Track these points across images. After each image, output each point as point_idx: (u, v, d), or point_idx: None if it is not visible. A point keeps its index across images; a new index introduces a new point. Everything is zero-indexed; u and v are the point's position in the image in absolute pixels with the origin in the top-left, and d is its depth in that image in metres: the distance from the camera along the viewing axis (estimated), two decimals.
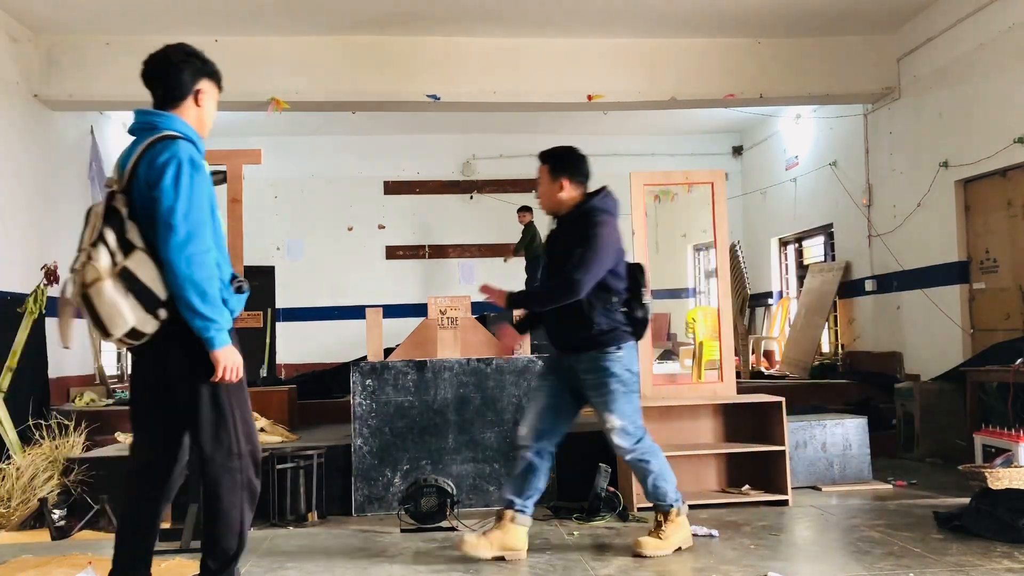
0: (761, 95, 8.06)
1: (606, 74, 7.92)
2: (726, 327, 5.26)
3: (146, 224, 2.74)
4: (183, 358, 2.80)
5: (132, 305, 2.69)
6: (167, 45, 3.01)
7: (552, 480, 5.13)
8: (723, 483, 5.21)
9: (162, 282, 2.72)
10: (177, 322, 2.74)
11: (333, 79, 7.73)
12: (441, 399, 5.17)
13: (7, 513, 4.85)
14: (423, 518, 4.56)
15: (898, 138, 7.94)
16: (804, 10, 7.35)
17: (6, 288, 6.69)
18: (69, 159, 8.17)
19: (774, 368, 9.73)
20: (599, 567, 3.72)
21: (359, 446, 5.08)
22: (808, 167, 9.87)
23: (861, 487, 5.32)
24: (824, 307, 9.00)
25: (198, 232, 2.73)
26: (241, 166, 4.64)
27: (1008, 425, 5.28)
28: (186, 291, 2.70)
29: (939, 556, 3.71)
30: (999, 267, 6.67)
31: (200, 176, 2.78)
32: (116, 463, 5.00)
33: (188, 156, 2.76)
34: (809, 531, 4.39)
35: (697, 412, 5.29)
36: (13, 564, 3.94)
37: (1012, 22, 6.28)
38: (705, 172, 5.45)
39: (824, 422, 5.46)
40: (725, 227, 5.33)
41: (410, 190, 11.77)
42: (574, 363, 3.91)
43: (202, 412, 2.83)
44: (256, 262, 10.81)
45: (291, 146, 11.29)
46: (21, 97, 7.27)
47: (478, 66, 7.84)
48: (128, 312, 2.68)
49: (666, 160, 11.66)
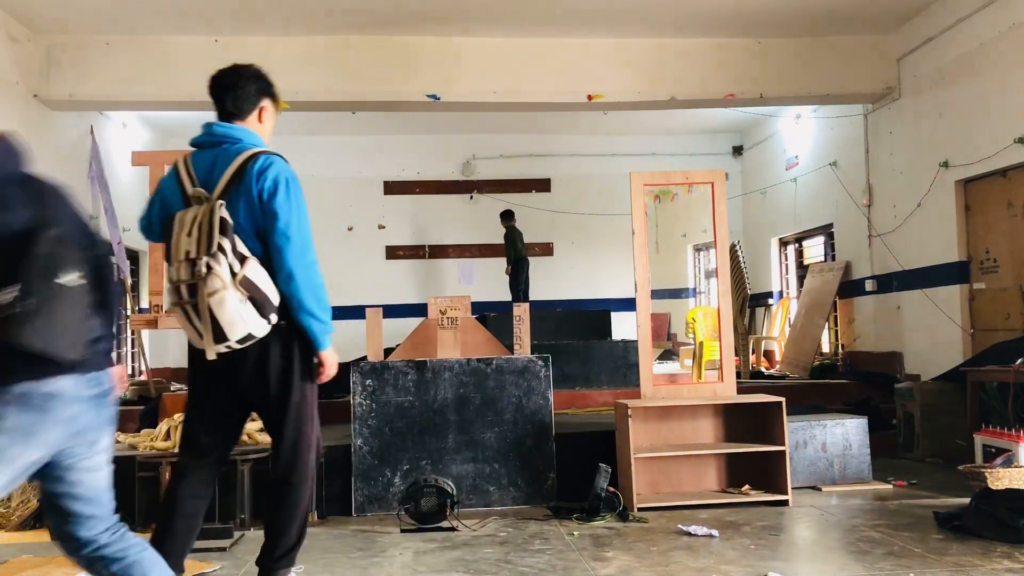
0: (761, 95, 8.06)
1: (606, 74, 7.92)
2: (726, 327, 5.26)
3: (244, 235, 2.88)
4: (285, 357, 2.98)
5: (250, 312, 2.83)
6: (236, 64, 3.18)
7: (552, 480, 5.15)
8: (723, 483, 5.21)
9: (273, 288, 2.89)
10: (279, 324, 2.93)
11: (333, 79, 7.73)
12: (441, 399, 5.17)
13: (7, 513, 4.85)
14: (423, 518, 4.56)
15: (898, 138, 7.94)
16: (804, 10, 7.35)
17: None
18: (69, 159, 8.17)
19: (774, 368, 9.73)
20: (599, 567, 3.72)
21: (359, 446, 5.08)
22: (808, 167, 9.87)
23: (861, 487, 5.32)
24: (824, 307, 9.00)
25: (310, 243, 2.95)
26: None
27: (1008, 425, 5.28)
28: (305, 297, 2.91)
29: (939, 556, 3.71)
30: (999, 267, 6.67)
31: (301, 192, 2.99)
32: (116, 463, 4.99)
33: (292, 173, 2.98)
34: (809, 531, 4.39)
35: (697, 412, 5.29)
36: (13, 564, 3.95)
37: (1012, 22, 6.28)
38: (705, 172, 5.44)
39: (824, 422, 5.46)
40: (725, 227, 5.33)
41: (410, 190, 11.78)
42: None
43: (292, 407, 3.00)
44: None
45: (291, 146, 11.27)
46: (21, 97, 7.27)
47: (478, 66, 7.84)
48: (247, 319, 2.82)
49: (666, 160, 11.67)
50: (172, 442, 5.14)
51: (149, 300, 4.67)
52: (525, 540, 4.27)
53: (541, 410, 5.21)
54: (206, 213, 2.82)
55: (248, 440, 5.31)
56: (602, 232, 11.59)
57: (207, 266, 2.77)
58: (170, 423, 5.29)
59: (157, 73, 7.50)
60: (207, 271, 2.77)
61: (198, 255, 2.79)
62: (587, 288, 11.43)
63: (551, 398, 5.26)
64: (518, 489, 5.14)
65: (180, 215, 2.89)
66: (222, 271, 2.77)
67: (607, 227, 11.53)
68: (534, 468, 5.15)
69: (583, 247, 11.72)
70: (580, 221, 11.52)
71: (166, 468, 4.84)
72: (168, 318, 4.52)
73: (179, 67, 7.53)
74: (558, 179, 11.92)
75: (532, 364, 5.25)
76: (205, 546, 4.21)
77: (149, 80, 7.49)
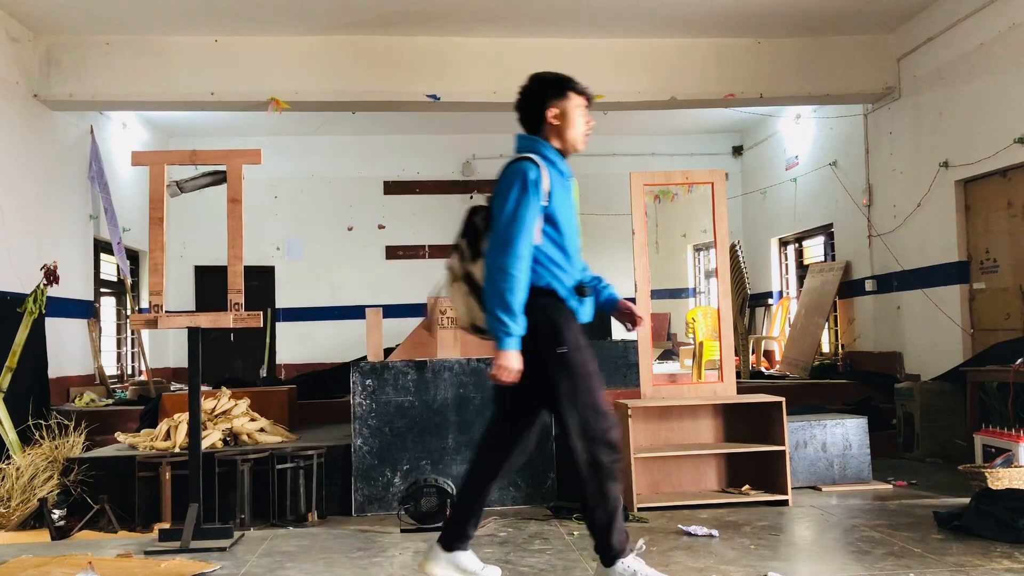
0: (761, 95, 8.06)
1: (606, 74, 7.91)
2: (726, 327, 5.26)
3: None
4: (525, 349, 3.05)
5: (472, 304, 3.13)
6: (531, 76, 3.33)
7: (552, 480, 5.15)
8: (723, 483, 5.21)
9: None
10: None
11: (333, 79, 7.73)
12: (441, 399, 5.17)
13: (7, 513, 4.85)
14: (423, 518, 4.56)
15: (898, 138, 7.94)
16: (804, 10, 7.35)
17: (6, 288, 6.69)
18: (69, 159, 8.17)
19: (774, 368, 9.73)
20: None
21: (359, 446, 5.08)
22: (808, 167, 9.87)
23: (861, 487, 5.32)
24: (824, 307, 9.00)
25: (512, 244, 3.01)
26: (241, 166, 4.63)
27: (1008, 425, 5.28)
28: (488, 293, 3.04)
29: (939, 556, 3.71)
30: (999, 267, 6.67)
31: (530, 195, 3.06)
32: (116, 463, 5.01)
33: (526, 175, 3.07)
34: (809, 531, 4.39)
35: (697, 412, 5.29)
36: (13, 564, 3.94)
37: (1012, 22, 6.28)
38: (705, 172, 5.44)
39: (824, 422, 5.46)
40: (725, 227, 5.33)
41: (410, 190, 11.77)
42: None
43: (549, 391, 3.10)
44: (256, 262, 10.83)
45: (291, 146, 11.29)
46: (21, 97, 7.27)
47: (478, 66, 7.84)
48: (469, 310, 3.15)
49: (666, 160, 11.66)
50: (172, 442, 5.14)
51: (149, 300, 4.66)
52: (525, 540, 4.27)
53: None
54: (465, 217, 3.28)
55: (248, 440, 5.32)
56: (602, 232, 11.59)
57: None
58: (170, 423, 5.29)
59: (157, 73, 7.50)
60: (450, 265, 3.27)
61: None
62: None
63: None
64: (518, 489, 5.14)
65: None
66: (453, 265, 3.22)
67: (607, 227, 11.52)
68: (534, 468, 5.15)
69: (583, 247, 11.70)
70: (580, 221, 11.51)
71: (166, 468, 4.85)
72: (168, 318, 4.52)
73: (179, 67, 7.53)
74: None
75: None
76: (205, 546, 4.21)
77: (149, 80, 7.49)
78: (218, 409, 5.47)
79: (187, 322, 4.50)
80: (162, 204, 4.60)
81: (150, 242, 4.65)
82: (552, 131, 3.23)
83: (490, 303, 3.01)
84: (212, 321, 4.54)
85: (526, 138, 3.28)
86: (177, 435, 5.14)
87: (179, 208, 9.37)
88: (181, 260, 11.02)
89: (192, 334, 4.49)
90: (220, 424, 5.32)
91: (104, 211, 8.55)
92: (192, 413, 4.48)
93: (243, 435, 5.32)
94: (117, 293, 9.46)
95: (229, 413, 5.48)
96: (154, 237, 4.60)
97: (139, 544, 4.40)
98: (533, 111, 3.26)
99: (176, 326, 4.56)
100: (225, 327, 4.65)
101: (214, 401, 5.53)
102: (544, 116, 3.22)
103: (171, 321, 4.52)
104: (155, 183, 4.62)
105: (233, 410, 5.50)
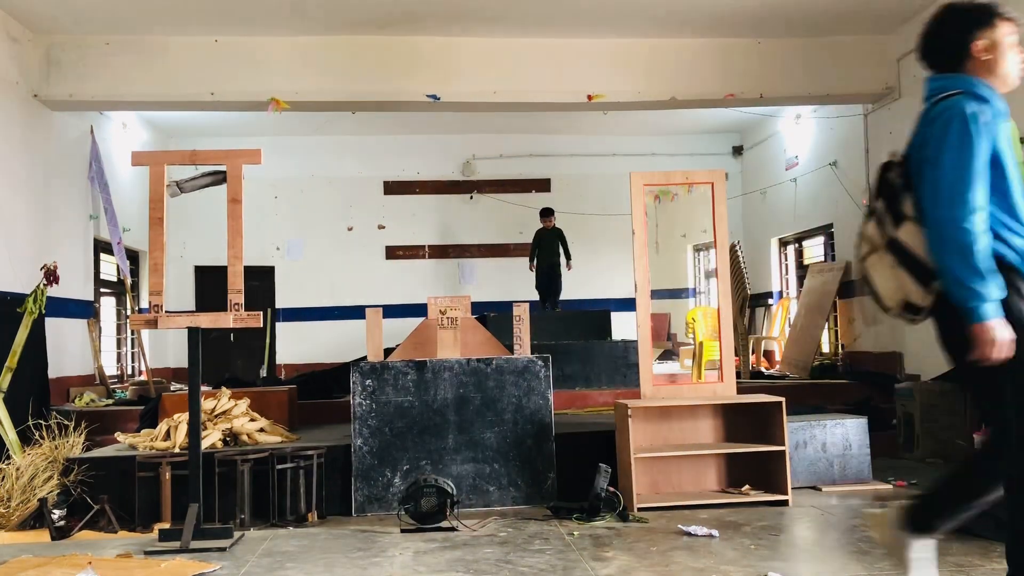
0: (761, 95, 8.07)
1: (606, 74, 7.92)
2: (726, 327, 5.26)
3: (920, 193, 2.60)
4: (951, 330, 2.60)
5: (903, 277, 2.59)
6: (944, 7, 2.74)
7: (552, 480, 5.15)
8: (723, 483, 5.21)
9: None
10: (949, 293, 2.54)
11: (333, 79, 7.73)
12: (441, 399, 5.17)
13: (7, 513, 4.84)
14: (423, 518, 4.56)
15: (898, 138, 7.87)
16: (804, 10, 7.35)
17: (6, 288, 6.69)
18: (69, 159, 8.17)
19: (774, 368, 9.73)
20: (599, 567, 3.72)
21: (359, 446, 5.08)
22: (808, 167, 9.87)
23: (861, 487, 5.32)
24: (824, 307, 9.00)
25: (964, 195, 2.47)
26: (241, 166, 4.63)
27: None
28: (938, 255, 2.51)
29: (939, 556, 3.71)
30: None
31: (979, 129, 2.50)
32: (116, 463, 5.01)
33: (965, 109, 2.53)
34: (809, 531, 4.39)
35: (697, 412, 5.29)
36: (13, 564, 3.94)
37: None
38: (705, 172, 5.44)
39: (824, 422, 5.46)
40: (725, 227, 5.33)
41: (410, 190, 11.77)
42: None
43: (977, 391, 2.67)
44: (256, 262, 10.83)
45: (291, 146, 11.30)
46: (21, 97, 7.27)
47: (478, 66, 7.84)
48: (900, 285, 2.61)
49: (666, 160, 11.67)
50: (172, 442, 5.14)
51: (149, 300, 4.66)
52: (525, 540, 4.27)
53: (541, 410, 5.22)
54: (877, 175, 2.77)
55: (248, 440, 5.31)
56: (602, 232, 11.59)
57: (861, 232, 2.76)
58: (170, 423, 5.29)
59: (157, 73, 7.51)
60: (859, 238, 2.77)
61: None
62: (587, 288, 11.44)
63: (551, 398, 5.26)
64: (518, 489, 5.14)
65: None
66: (868, 233, 2.71)
67: (607, 227, 11.53)
68: (534, 468, 5.15)
69: (583, 247, 11.69)
70: (580, 221, 11.51)
71: (166, 468, 4.85)
72: (168, 318, 4.52)
73: (179, 67, 7.54)
74: (558, 179, 11.92)
75: (532, 364, 5.25)
76: (205, 546, 4.21)
77: (149, 80, 7.49)
78: (218, 409, 5.47)
79: (187, 322, 4.50)
80: (162, 204, 4.60)
81: (150, 242, 4.65)
82: (980, 67, 2.65)
83: (952, 270, 2.46)
84: (212, 321, 4.54)
85: (944, 78, 2.68)
86: (177, 435, 5.14)
87: (179, 208, 9.36)
88: (181, 260, 11.03)
89: (192, 334, 4.49)
90: (220, 424, 5.32)
91: (104, 211, 8.55)
92: (192, 413, 4.48)
93: (243, 435, 5.32)
94: (117, 293, 9.46)
95: (229, 413, 5.47)
96: (154, 237, 4.60)
97: (139, 544, 4.40)
98: (953, 46, 2.67)
99: (176, 326, 4.56)
100: (225, 327, 4.65)
101: (214, 401, 5.52)
102: (968, 50, 2.65)
103: (171, 321, 4.52)
104: (155, 183, 4.61)
105: (233, 410, 5.50)
